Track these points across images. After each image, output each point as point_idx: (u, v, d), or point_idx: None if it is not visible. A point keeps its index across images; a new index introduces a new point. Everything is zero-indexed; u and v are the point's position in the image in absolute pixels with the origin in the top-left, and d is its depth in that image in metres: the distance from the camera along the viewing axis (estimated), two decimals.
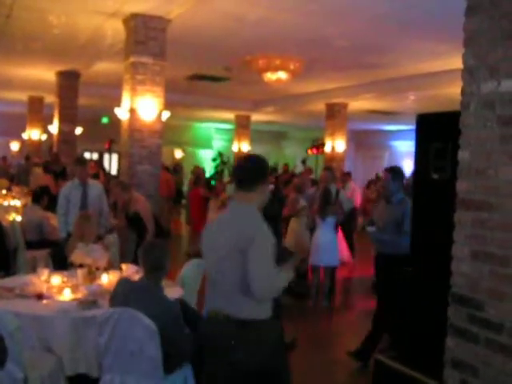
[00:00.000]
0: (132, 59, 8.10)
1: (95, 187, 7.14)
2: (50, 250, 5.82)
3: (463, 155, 2.92)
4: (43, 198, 8.21)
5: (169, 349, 3.55)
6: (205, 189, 11.51)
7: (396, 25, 8.63)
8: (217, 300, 3.08)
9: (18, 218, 8.51)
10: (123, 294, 3.73)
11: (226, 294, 3.03)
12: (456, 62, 3.83)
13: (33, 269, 5.89)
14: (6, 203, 10.26)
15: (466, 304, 2.88)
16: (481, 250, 2.80)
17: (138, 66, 8.08)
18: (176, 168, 18.82)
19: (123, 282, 3.90)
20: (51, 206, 7.91)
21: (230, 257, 2.97)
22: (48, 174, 10.64)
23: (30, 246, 7.31)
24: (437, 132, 4.09)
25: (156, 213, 7.54)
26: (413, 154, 4.49)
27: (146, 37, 8.12)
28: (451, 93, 12.51)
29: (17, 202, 10.28)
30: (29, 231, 7.63)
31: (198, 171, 12.74)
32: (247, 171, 3.17)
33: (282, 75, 11.50)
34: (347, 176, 13.09)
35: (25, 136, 19.49)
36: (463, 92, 2.91)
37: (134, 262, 5.77)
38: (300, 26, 8.86)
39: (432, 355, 3.83)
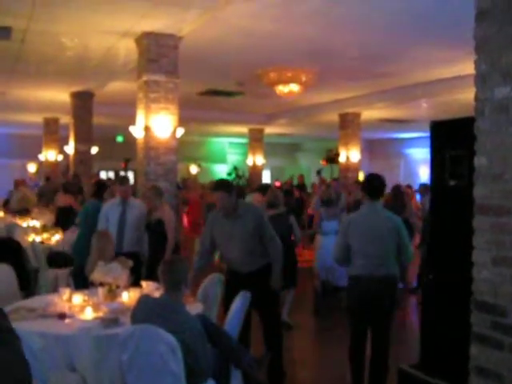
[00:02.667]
0: (145, 77, 8.17)
1: (137, 207, 7.04)
2: (70, 269, 5.87)
3: (479, 161, 2.92)
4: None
5: (191, 364, 3.55)
6: None
7: (406, 33, 8.65)
8: (369, 267, 4.68)
9: (38, 239, 8.59)
10: (144, 311, 3.75)
11: (380, 261, 4.70)
12: (468, 68, 3.84)
13: (54, 288, 5.95)
14: (24, 224, 10.37)
15: (488, 310, 2.86)
16: (501, 255, 2.79)
17: (151, 84, 8.15)
18: (184, 183, 18.40)
19: (144, 299, 3.92)
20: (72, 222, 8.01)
21: (390, 237, 4.71)
22: (68, 195, 10.74)
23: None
24: (452, 138, 4.09)
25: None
26: (428, 161, 4.49)
27: (158, 55, 8.19)
28: (465, 99, 12.49)
29: (36, 223, 10.39)
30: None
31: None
32: (380, 189, 4.90)
33: (294, 87, 11.54)
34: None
35: (41, 157, 19.71)
36: (477, 98, 2.92)
37: (148, 277, 5.76)
38: (310, 38, 8.90)
39: (456, 363, 3.80)
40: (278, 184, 18.67)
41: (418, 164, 23.60)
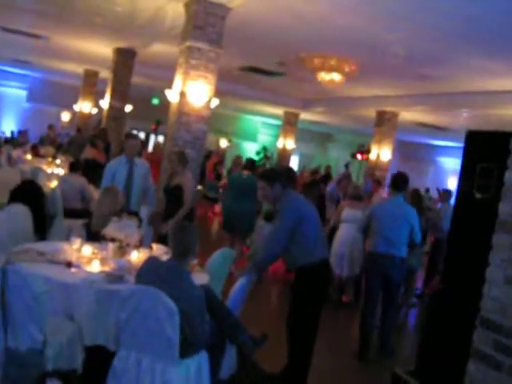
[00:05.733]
0: (188, 43, 8.12)
1: (142, 165, 7.01)
2: (85, 220, 5.89)
3: (510, 176, 2.84)
4: (79, 168, 8.43)
5: (187, 333, 3.55)
6: None
7: (457, 39, 8.46)
8: (389, 247, 5.81)
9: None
10: (150, 272, 3.75)
11: (397, 244, 5.83)
12: None
13: (67, 238, 5.99)
14: (49, 170, 10.48)
15: (493, 329, 2.80)
16: None
17: (193, 50, 8.09)
18: (208, 155, 18.03)
19: (151, 261, 3.92)
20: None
21: (405, 225, 5.85)
22: (94, 148, 10.81)
23: (71, 214, 7.39)
24: (485, 150, 3.99)
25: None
26: (458, 172, 4.40)
27: (204, 22, 8.12)
28: (504, 114, 12.26)
29: (60, 171, 10.49)
30: (70, 199, 7.74)
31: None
32: (403, 183, 6.03)
33: (336, 76, 11.41)
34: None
35: (76, 108, 19.85)
36: None
37: (159, 240, 5.76)
38: (359, 28, 8.76)
39: (451, 376, 3.76)
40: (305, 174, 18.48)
41: (447, 173, 23.29)
